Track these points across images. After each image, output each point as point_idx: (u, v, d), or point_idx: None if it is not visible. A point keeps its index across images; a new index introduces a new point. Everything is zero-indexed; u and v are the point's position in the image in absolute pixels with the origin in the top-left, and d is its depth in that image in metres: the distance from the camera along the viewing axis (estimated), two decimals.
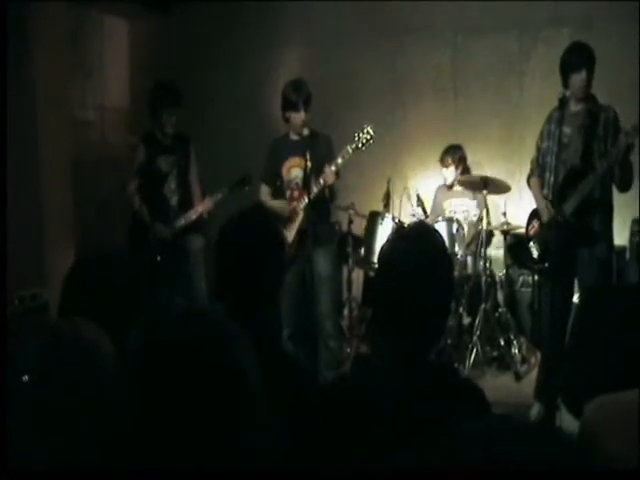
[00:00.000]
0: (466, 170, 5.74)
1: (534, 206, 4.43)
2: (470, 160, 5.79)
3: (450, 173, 5.67)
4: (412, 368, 1.74)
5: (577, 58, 4.06)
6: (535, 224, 4.33)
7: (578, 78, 4.05)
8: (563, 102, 4.08)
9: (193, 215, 5.02)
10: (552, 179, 4.19)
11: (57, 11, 5.32)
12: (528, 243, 4.36)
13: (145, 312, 2.17)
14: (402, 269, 1.80)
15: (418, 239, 1.91)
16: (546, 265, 4.17)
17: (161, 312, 1.14)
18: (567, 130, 4.13)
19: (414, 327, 1.76)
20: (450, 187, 5.75)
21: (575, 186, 4.06)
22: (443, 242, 1.97)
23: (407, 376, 1.73)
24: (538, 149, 4.37)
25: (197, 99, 5.21)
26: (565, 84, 4.12)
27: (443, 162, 5.69)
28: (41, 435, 1.56)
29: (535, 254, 4.30)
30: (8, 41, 4.71)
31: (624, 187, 4.06)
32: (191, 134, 5.30)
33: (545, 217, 4.22)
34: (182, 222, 5.02)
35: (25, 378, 1.71)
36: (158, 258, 4.84)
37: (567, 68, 4.09)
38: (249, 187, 4.91)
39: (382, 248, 1.95)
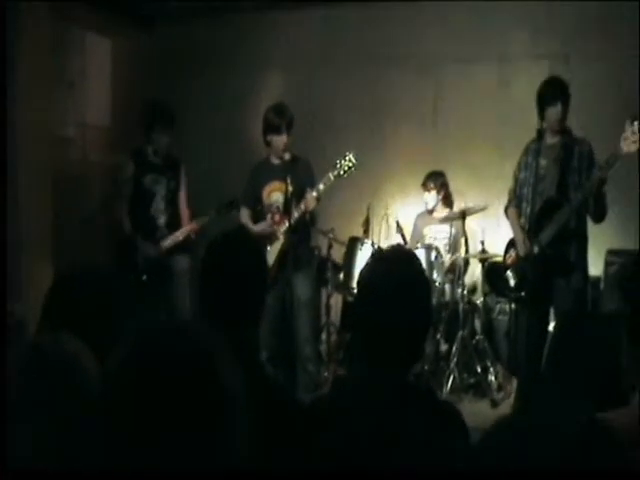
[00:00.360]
0: (448, 196, 5.80)
1: (511, 235, 4.48)
2: (450, 187, 5.86)
3: (432, 198, 5.73)
4: (390, 388, 1.76)
5: (553, 92, 4.16)
6: (512, 253, 4.39)
7: (554, 111, 4.14)
8: (540, 134, 4.18)
9: (180, 236, 5.02)
10: (529, 209, 4.27)
11: (39, 27, 5.33)
12: (505, 272, 4.41)
13: (128, 328, 2.17)
14: (380, 290, 1.82)
15: (396, 261, 1.93)
16: (522, 294, 4.22)
17: (146, 326, 1.14)
18: (543, 162, 4.22)
19: (392, 347, 1.78)
20: (430, 212, 5.81)
21: (551, 217, 4.13)
22: (420, 264, 1.99)
23: (385, 396, 1.74)
24: (516, 180, 4.44)
25: (178, 119, 5.21)
26: (541, 116, 4.21)
27: (425, 186, 5.75)
28: (25, 446, 1.56)
29: (512, 282, 4.35)
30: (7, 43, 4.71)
31: (598, 218, 4.14)
32: (179, 155, 5.31)
33: (521, 250, 4.28)
34: (169, 242, 5.01)
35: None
36: (144, 277, 4.83)
37: (543, 101, 4.18)
38: (235, 211, 4.92)
39: (361, 271, 1.97)
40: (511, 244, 4.44)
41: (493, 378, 5.13)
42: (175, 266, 5.09)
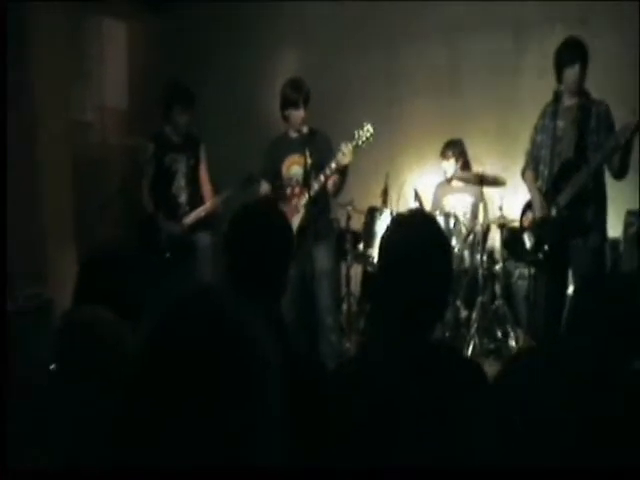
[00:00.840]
0: (466, 164, 5.81)
1: (529, 198, 4.50)
2: (468, 155, 5.87)
3: (450, 166, 5.74)
4: (414, 349, 1.81)
5: (571, 53, 4.12)
6: (529, 215, 4.39)
7: (571, 72, 4.11)
8: (557, 96, 4.16)
9: (202, 212, 5.09)
10: (546, 172, 4.26)
11: (56, 13, 5.37)
12: (522, 234, 4.42)
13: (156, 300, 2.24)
14: (401, 253, 1.85)
15: (415, 224, 1.97)
16: (540, 256, 4.23)
17: (183, 291, 1.17)
18: (561, 124, 4.20)
19: (414, 309, 1.82)
20: (449, 181, 5.82)
21: (569, 178, 4.12)
22: (439, 227, 2.03)
23: (410, 356, 1.79)
24: (533, 142, 4.44)
25: (196, 99, 5.26)
26: (559, 79, 4.18)
27: (444, 155, 5.76)
28: (64, 420, 1.62)
29: (529, 245, 4.37)
30: (7, 42, 4.77)
31: (620, 174, 4.10)
32: (199, 133, 5.36)
33: (538, 211, 4.28)
34: (191, 219, 5.08)
35: (53, 367, 1.76)
36: (167, 255, 4.90)
37: (561, 63, 4.15)
38: (255, 185, 4.97)
39: (382, 235, 2.00)
40: (528, 206, 4.45)
41: (514, 343, 5.16)
42: (198, 243, 5.16)
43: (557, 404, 0.83)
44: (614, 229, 4.94)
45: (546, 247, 4.10)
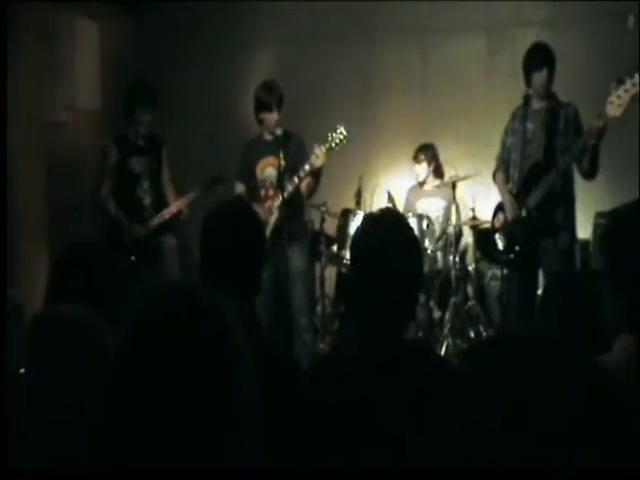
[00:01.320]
0: (438, 168, 5.87)
1: (500, 200, 4.55)
2: (441, 158, 5.91)
3: (422, 170, 5.80)
4: (388, 346, 1.83)
5: (538, 57, 4.20)
6: (500, 217, 4.45)
7: (539, 77, 4.19)
8: (526, 100, 4.23)
9: (167, 215, 5.07)
10: (517, 174, 4.33)
11: (28, 11, 5.33)
12: (493, 235, 4.47)
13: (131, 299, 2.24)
14: (372, 250, 1.87)
15: (386, 222, 1.98)
16: (511, 256, 4.29)
17: (160, 286, 1.17)
18: (530, 126, 4.26)
19: (387, 305, 1.84)
20: (421, 185, 5.87)
21: (538, 180, 4.18)
22: (409, 225, 2.05)
23: (382, 352, 1.81)
24: (503, 145, 4.50)
25: (168, 100, 5.25)
26: (527, 82, 4.26)
27: (416, 159, 5.82)
28: (46, 422, 1.61)
29: (500, 246, 4.43)
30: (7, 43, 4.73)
31: (589, 174, 4.16)
32: (162, 134, 5.34)
33: (509, 213, 4.33)
34: (156, 221, 5.06)
35: (22, 370, 1.75)
36: (132, 257, 4.88)
37: (529, 67, 4.22)
38: (222, 186, 4.97)
39: (354, 234, 2.02)
40: (499, 208, 4.51)
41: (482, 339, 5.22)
42: (163, 245, 5.14)
43: (515, 394, 0.84)
44: (584, 230, 5.02)
45: (517, 248, 4.15)
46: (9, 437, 1.57)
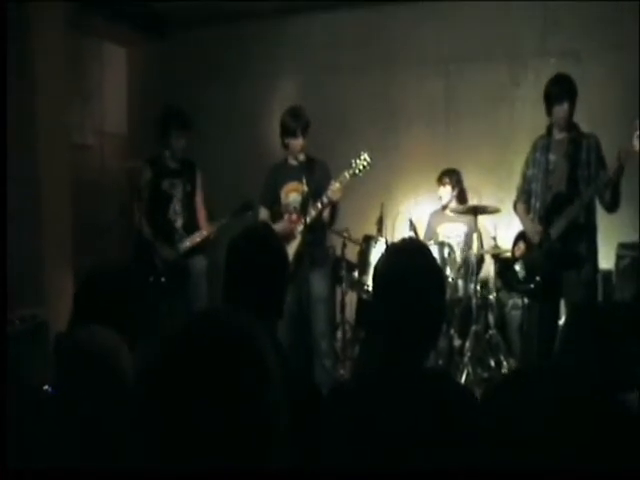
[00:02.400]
0: (462, 193, 5.90)
1: (520, 230, 4.56)
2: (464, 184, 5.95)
3: (446, 193, 5.83)
4: (408, 374, 1.84)
5: (559, 90, 4.21)
6: (521, 245, 4.45)
7: (561, 109, 4.20)
8: (549, 130, 4.25)
9: (197, 238, 5.12)
10: (538, 204, 4.33)
11: (58, 36, 5.44)
12: (514, 264, 4.47)
13: (152, 325, 2.27)
14: (394, 280, 1.89)
15: (408, 252, 2.00)
16: (532, 286, 4.28)
17: (194, 313, 1.20)
18: (552, 157, 4.27)
19: (408, 334, 1.85)
20: (444, 208, 5.88)
21: (561, 211, 4.18)
22: (431, 254, 2.06)
23: (403, 381, 1.82)
24: (524, 176, 4.51)
25: (195, 125, 5.33)
26: (549, 113, 4.27)
27: (441, 181, 5.85)
28: (66, 440, 1.64)
29: (521, 275, 4.41)
30: (9, 65, 4.83)
31: (612, 208, 4.17)
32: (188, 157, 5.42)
33: (534, 239, 4.33)
34: (187, 244, 5.12)
35: (46, 387, 1.78)
36: (162, 279, 4.93)
37: (550, 99, 4.24)
38: (251, 212, 5.02)
39: (376, 263, 2.03)
40: (520, 237, 4.51)
41: (506, 372, 5.19)
42: (193, 268, 5.19)
43: (541, 423, 0.85)
44: (606, 260, 5.00)
45: (538, 278, 4.14)
46: (18, 441, 1.60)
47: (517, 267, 4.43)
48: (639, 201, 5.13)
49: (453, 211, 5.70)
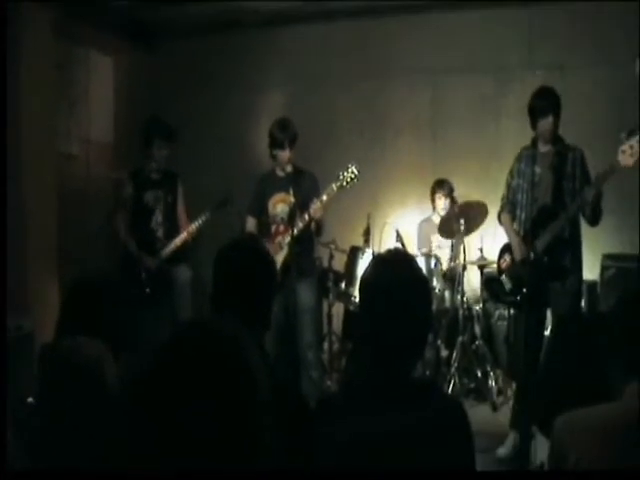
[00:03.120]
0: (454, 202, 5.90)
1: (505, 242, 4.56)
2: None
3: (442, 204, 5.82)
4: (396, 384, 1.84)
5: (544, 103, 4.19)
6: (507, 258, 4.45)
7: (545, 122, 4.18)
8: (534, 142, 4.24)
9: (178, 242, 5.10)
10: (523, 215, 4.34)
11: (45, 44, 5.43)
12: (500, 276, 4.48)
13: (140, 334, 2.26)
14: (380, 290, 1.88)
15: (395, 262, 2.00)
16: (518, 298, 4.29)
17: (182, 323, 1.20)
18: (538, 169, 4.26)
19: (395, 345, 1.85)
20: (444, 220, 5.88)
21: (546, 224, 4.18)
22: (417, 264, 2.06)
23: (390, 391, 1.82)
24: (508, 186, 4.51)
25: (181, 135, 5.32)
26: (533, 126, 4.27)
27: (435, 194, 5.85)
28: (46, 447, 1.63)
29: (507, 287, 4.42)
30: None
31: (594, 221, 4.18)
32: (174, 167, 5.40)
33: (518, 254, 4.33)
34: (168, 250, 5.10)
35: (30, 400, 1.78)
36: (147, 290, 4.91)
37: (535, 112, 4.22)
38: (230, 208, 5.01)
39: (363, 273, 2.02)
40: (505, 249, 4.51)
41: (493, 382, 5.20)
42: (177, 278, 5.17)
43: None
44: (591, 272, 5.03)
45: (524, 290, 4.15)
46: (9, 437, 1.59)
47: (503, 279, 4.44)
48: (623, 213, 5.18)
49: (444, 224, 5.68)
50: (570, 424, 1.57)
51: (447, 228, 5.43)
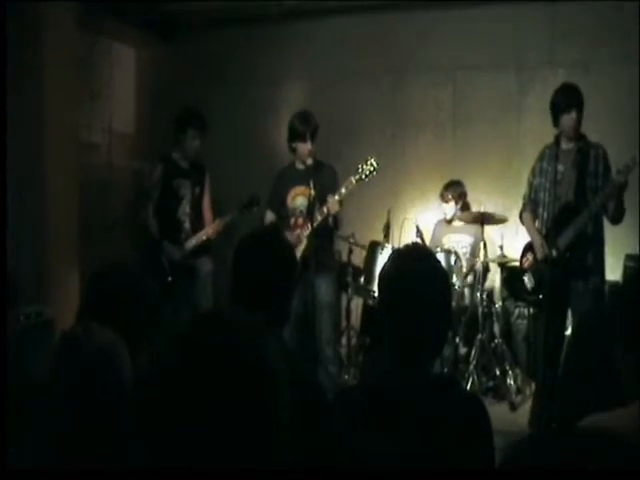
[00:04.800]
0: (466, 206, 5.87)
1: (528, 239, 4.53)
2: (469, 195, 5.92)
3: (450, 208, 5.79)
4: (414, 379, 1.83)
5: (567, 99, 4.18)
6: (529, 257, 4.43)
7: (568, 118, 4.17)
8: (557, 140, 4.21)
9: (203, 236, 5.11)
10: (545, 214, 4.31)
11: (67, 36, 5.45)
12: (522, 275, 4.45)
13: (157, 324, 2.25)
14: (400, 284, 1.88)
15: (414, 256, 1.99)
16: (540, 297, 4.25)
17: (201, 313, 1.19)
18: (560, 167, 4.24)
19: (414, 338, 1.84)
20: (449, 222, 5.86)
21: (569, 222, 4.15)
22: (437, 259, 2.05)
23: (410, 386, 1.81)
24: (530, 185, 4.48)
25: None
26: (556, 124, 4.24)
27: (443, 197, 5.81)
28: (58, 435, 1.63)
29: (529, 286, 4.39)
30: (18, 63, 4.83)
31: (616, 219, 4.16)
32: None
33: (540, 253, 4.30)
34: (193, 242, 5.10)
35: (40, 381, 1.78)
36: (169, 279, 4.92)
37: (557, 109, 4.21)
38: (257, 208, 5.01)
39: (382, 267, 2.01)
40: (528, 248, 4.48)
41: (512, 381, 5.15)
42: (199, 268, 5.18)
43: None
44: (613, 272, 4.98)
45: (546, 288, 4.12)
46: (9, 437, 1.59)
47: (526, 278, 4.41)
48: None
49: (460, 219, 5.67)
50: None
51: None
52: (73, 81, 5.62)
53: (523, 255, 4.52)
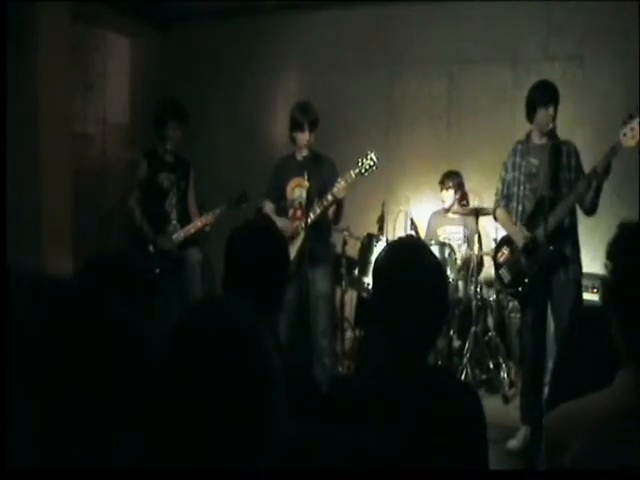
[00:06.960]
0: (464, 196, 5.88)
1: (502, 236, 4.57)
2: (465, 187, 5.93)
3: (449, 196, 5.81)
4: (409, 369, 1.83)
5: (544, 95, 4.26)
6: (505, 251, 4.48)
7: (545, 113, 4.23)
8: (528, 135, 4.29)
9: (192, 229, 5.10)
10: (520, 208, 4.35)
11: (62, 26, 5.43)
12: (498, 270, 4.48)
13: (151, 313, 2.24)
14: (394, 275, 1.87)
15: (408, 248, 1.99)
16: (520, 289, 4.29)
17: (196, 302, 1.18)
18: (534, 161, 4.30)
19: (409, 330, 1.84)
20: (446, 212, 5.87)
21: (545, 214, 4.17)
22: (431, 251, 2.05)
23: (403, 376, 1.81)
24: (503, 181, 4.51)
25: (195, 117, 5.31)
26: (530, 119, 4.29)
27: (443, 184, 5.83)
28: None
29: (506, 280, 4.43)
30: (11, 53, 4.81)
31: (591, 211, 4.22)
32: (189, 151, 5.39)
33: (520, 240, 4.32)
34: (181, 235, 5.10)
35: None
36: (157, 270, 4.90)
37: (534, 104, 4.28)
38: (246, 204, 5.00)
39: (376, 258, 2.01)
40: (503, 242, 4.53)
41: (505, 375, 5.19)
42: (187, 259, 5.18)
43: None
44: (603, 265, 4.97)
45: (526, 280, 4.18)
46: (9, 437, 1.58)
47: (501, 272, 4.46)
48: (620, 203, 5.12)
49: (455, 212, 5.69)
50: (566, 415, 1.53)
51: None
52: (67, 72, 5.59)
53: (497, 250, 4.56)
